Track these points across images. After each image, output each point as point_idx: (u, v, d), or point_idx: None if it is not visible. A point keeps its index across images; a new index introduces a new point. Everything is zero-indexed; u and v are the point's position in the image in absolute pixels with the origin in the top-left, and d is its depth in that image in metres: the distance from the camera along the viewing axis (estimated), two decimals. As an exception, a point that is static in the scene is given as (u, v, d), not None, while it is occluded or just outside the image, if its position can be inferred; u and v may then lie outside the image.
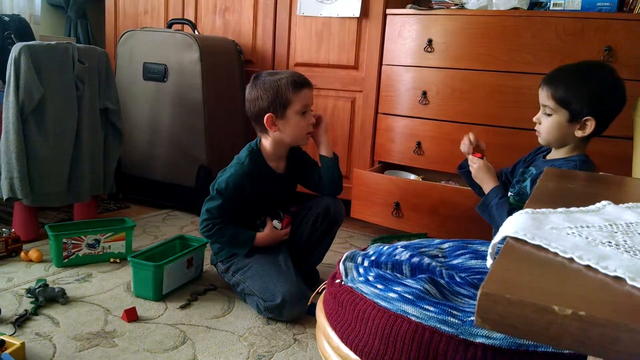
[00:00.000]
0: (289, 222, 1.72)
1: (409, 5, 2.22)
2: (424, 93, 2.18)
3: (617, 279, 0.42)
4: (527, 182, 1.49)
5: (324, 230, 1.72)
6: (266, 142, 1.66)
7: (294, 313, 1.52)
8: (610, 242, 0.49)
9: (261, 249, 1.64)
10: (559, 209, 0.59)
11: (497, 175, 1.59)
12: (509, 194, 1.54)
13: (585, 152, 1.43)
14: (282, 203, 1.75)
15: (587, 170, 1.36)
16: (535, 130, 1.46)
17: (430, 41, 2.14)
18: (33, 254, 1.85)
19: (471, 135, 1.58)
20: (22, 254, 1.87)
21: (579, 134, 1.37)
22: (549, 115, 1.40)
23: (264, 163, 1.67)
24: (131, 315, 1.48)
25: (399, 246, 1.14)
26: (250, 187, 1.62)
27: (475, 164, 1.54)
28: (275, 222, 1.69)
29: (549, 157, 1.49)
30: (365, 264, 1.07)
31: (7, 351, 1.19)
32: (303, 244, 1.73)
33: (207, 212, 1.61)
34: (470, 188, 1.71)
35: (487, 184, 1.51)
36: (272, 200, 1.71)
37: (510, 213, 1.40)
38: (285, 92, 1.57)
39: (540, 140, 1.46)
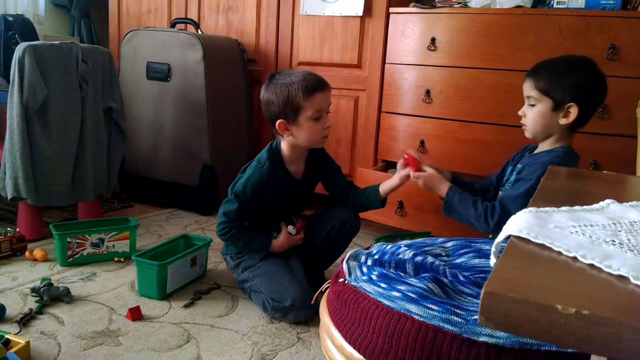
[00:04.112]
0: (302, 226, 1.70)
1: (412, 4, 2.21)
2: (427, 92, 2.17)
3: (621, 277, 0.42)
4: (513, 178, 1.50)
5: (336, 242, 1.71)
6: (284, 145, 1.62)
7: (299, 317, 1.51)
8: (614, 241, 0.49)
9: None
10: (563, 208, 0.59)
11: (488, 181, 1.64)
12: (499, 193, 1.55)
13: (570, 145, 1.45)
14: (296, 209, 1.74)
15: (569, 161, 1.39)
16: (522, 125, 1.49)
17: (433, 40, 2.14)
18: (37, 253, 1.86)
19: (411, 152, 1.59)
20: (27, 253, 1.87)
21: (562, 121, 1.40)
22: (533, 105, 1.44)
23: (283, 167, 1.62)
24: (135, 314, 1.48)
25: (402, 245, 1.14)
26: (268, 192, 1.59)
27: (420, 179, 1.54)
28: (290, 228, 1.67)
29: (535, 152, 1.51)
30: (369, 262, 1.07)
31: (12, 350, 1.20)
32: (314, 250, 1.72)
33: (225, 215, 1.58)
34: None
35: (441, 189, 1.52)
36: (287, 206, 1.70)
37: (474, 203, 1.41)
38: (296, 98, 1.48)
39: (527, 134, 1.48)
